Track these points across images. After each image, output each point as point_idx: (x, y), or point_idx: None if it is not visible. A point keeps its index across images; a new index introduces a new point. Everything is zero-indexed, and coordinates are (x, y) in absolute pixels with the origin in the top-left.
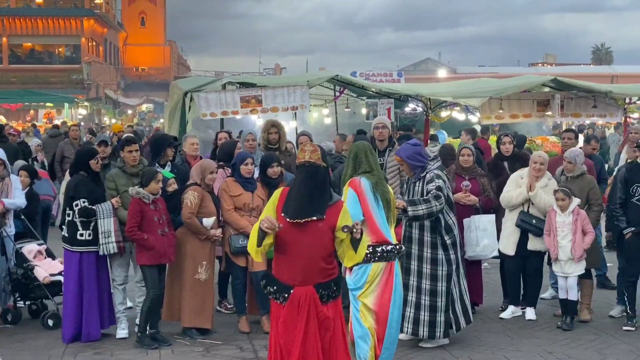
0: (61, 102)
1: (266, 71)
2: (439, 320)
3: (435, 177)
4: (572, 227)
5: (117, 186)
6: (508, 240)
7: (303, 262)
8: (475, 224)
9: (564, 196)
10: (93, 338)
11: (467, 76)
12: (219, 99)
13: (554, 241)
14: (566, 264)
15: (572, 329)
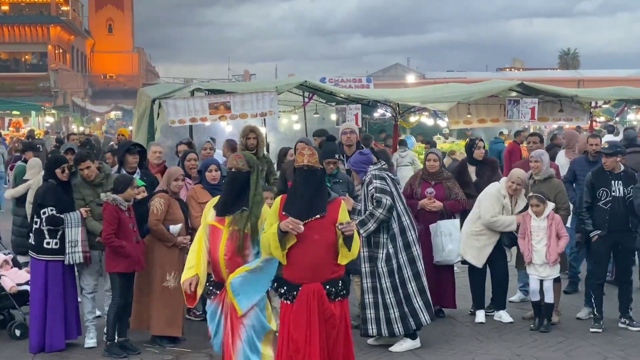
0: (28, 110)
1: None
2: (393, 316)
3: (373, 178)
4: (547, 232)
5: (84, 196)
6: (480, 253)
7: (310, 260)
8: (440, 229)
9: (539, 202)
10: (56, 348)
11: (436, 81)
12: (187, 105)
13: (529, 245)
14: (541, 267)
15: (549, 331)
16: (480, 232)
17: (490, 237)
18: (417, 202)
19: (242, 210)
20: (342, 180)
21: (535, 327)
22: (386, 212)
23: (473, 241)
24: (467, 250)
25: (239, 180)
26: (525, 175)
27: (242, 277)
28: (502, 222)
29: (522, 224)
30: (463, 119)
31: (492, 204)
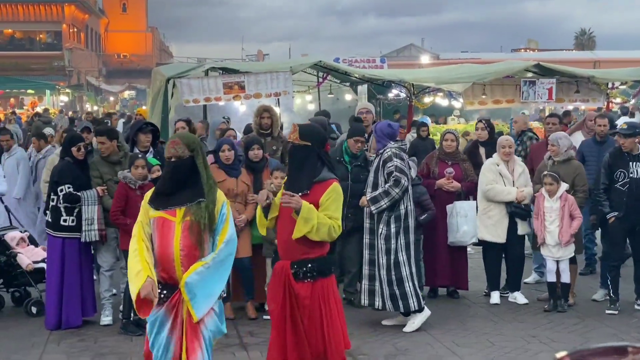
0: (42, 89)
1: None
2: (385, 293)
3: (394, 156)
4: (559, 213)
5: (101, 174)
6: (497, 229)
7: (283, 237)
8: (456, 210)
9: (552, 181)
10: (73, 324)
11: (450, 62)
12: (201, 85)
13: (541, 226)
14: (554, 248)
15: (566, 311)
16: (488, 209)
17: (501, 211)
18: (434, 182)
19: (198, 202)
20: (363, 164)
21: (550, 308)
22: (401, 194)
23: (486, 220)
24: (484, 230)
25: (184, 169)
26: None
27: (197, 274)
28: (497, 190)
29: (536, 205)
30: (478, 100)
31: (485, 175)
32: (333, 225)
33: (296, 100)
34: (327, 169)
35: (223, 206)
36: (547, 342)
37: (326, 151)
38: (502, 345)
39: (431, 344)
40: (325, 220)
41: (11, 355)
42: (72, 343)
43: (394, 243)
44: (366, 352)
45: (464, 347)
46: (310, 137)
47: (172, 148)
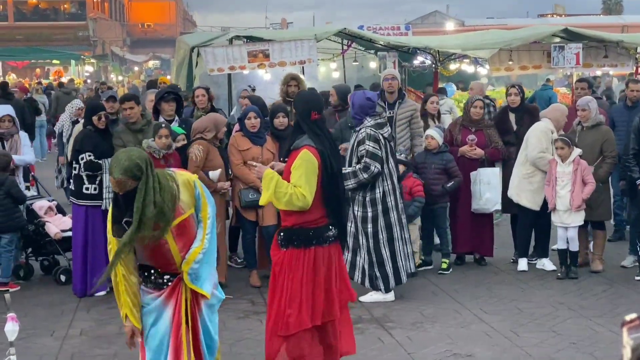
0: (68, 59)
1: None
2: (365, 269)
3: (366, 138)
4: (572, 177)
5: (124, 143)
6: (536, 196)
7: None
8: (480, 177)
9: (564, 145)
10: (99, 291)
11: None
12: (226, 54)
13: (553, 191)
14: (564, 214)
15: (577, 277)
16: (532, 174)
17: (543, 178)
18: (457, 149)
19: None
20: None
21: (562, 275)
22: (370, 179)
23: (526, 184)
24: (522, 195)
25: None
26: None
27: (197, 262)
28: (548, 160)
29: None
30: (504, 66)
31: (540, 140)
32: (295, 194)
33: (321, 68)
34: (307, 137)
35: (195, 186)
36: (576, 309)
37: (314, 119)
38: (530, 312)
39: (459, 311)
40: (285, 189)
41: (41, 322)
42: (102, 310)
43: (372, 227)
44: (393, 320)
45: (491, 314)
46: (296, 105)
47: (117, 188)
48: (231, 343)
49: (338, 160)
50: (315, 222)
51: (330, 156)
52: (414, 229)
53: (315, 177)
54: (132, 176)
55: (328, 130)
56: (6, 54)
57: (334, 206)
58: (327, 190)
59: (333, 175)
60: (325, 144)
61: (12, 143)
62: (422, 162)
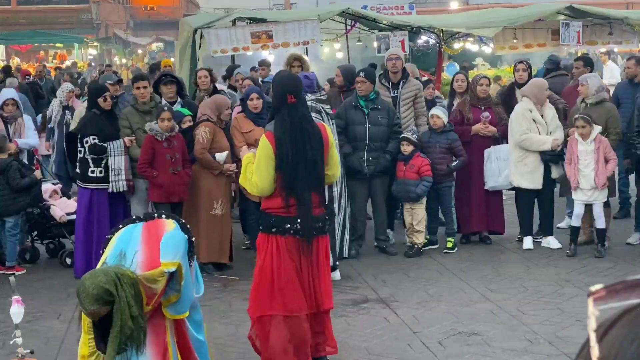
0: (71, 43)
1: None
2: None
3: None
4: (594, 155)
5: (131, 124)
6: (534, 175)
7: None
8: (495, 155)
9: (585, 123)
10: None
11: (480, 7)
12: (229, 35)
13: (575, 170)
14: (589, 192)
15: (604, 257)
16: (524, 156)
17: (537, 157)
18: (469, 128)
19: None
20: (381, 107)
21: (572, 252)
22: None
23: (522, 167)
24: (520, 178)
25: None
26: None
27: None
28: (533, 140)
29: (569, 149)
30: (509, 45)
31: (519, 123)
32: (251, 180)
33: (324, 48)
34: (274, 122)
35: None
36: (581, 287)
37: (290, 103)
38: (536, 290)
39: (464, 290)
40: (248, 174)
41: (47, 305)
42: None
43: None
44: (399, 299)
45: (497, 293)
46: (272, 87)
47: (92, 317)
48: (237, 324)
49: (303, 148)
50: (276, 210)
51: (292, 144)
52: (420, 208)
53: (267, 164)
54: (105, 303)
55: (305, 115)
56: (9, 37)
57: (294, 197)
58: (284, 179)
59: (292, 163)
60: (287, 130)
61: (16, 126)
62: (427, 141)
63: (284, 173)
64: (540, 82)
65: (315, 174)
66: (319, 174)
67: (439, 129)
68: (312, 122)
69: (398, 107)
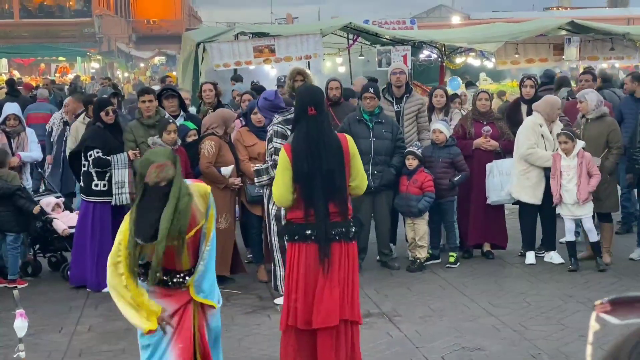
0: (73, 56)
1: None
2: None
3: (273, 135)
4: (577, 170)
5: (135, 137)
6: (535, 190)
7: None
8: (498, 169)
9: (567, 139)
10: (103, 287)
11: (482, 22)
12: (231, 49)
13: (558, 185)
14: (573, 207)
15: (605, 270)
16: (527, 170)
17: (540, 172)
18: (470, 142)
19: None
20: (385, 121)
21: (574, 267)
22: None
23: (524, 181)
24: (522, 191)
25: (165, 193)
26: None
27: (199, 275)
28: (539, 155)
29: (552, 164)
30: (510, 59)
31: (527, 136)
32: (273, 191)
33: (326, 62)
34: (294, 134)
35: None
36: (584, 302)
37: (311, 115)
38: (539, 305)
39: (467, 305)
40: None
41: (49, 319)
42: (110, 306)
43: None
44: (401, 313)
45: (500, 308)
46: (295, 100)
47: (162, 172)
48: (240, 338)
49: (319, 159)
50: (298, 219)
51: (308, 155)
52: (422, 223)
53: (284, 176)
54: (173, 161)
55: (323, 127)
56: (12, 51)
57: (312, 207)
58: (302, 189)
59: (308, 175)
60: (303, 142)
61: (20, 140)
62: (429, 155)
63: (301, 184)
64: (553, 99)
65: (332, 185)
66: (336, 184)
67: (441, 143)
68: (331, 133)
69: (401, 121)
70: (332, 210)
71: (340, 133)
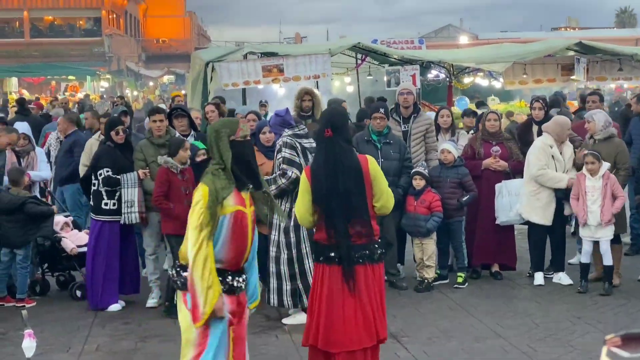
0: (83, 75)
1: (287, 41)
2: (285, 288)
3: (283, 146)
4: (602, 191)
5: (145, 157)
6: (545, 211)
7: None
8: (507, 189)
9: (594, 159)
10: (111, 304)
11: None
12: (240, 68)
13: (584, 206)
14: (596, 228)
15: (611, 294)
16: (537, 191)
17: (550, 194)
18: (480, 163)
19: (264, 192)
20: (393, 142)
21: (583, 289)
22: (289, 184)
23: (534, 201)
24: (532, 212)
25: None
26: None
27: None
28: (549, 176)
29: (576, 185)
30: (519, 80)
31: (538, 157)
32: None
33: (335, 82)
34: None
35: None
36: (593, 324)
37: (327, 136)
38: (548, 327)
39: (475, 326)
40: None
41: (57, 338)
42: (117, 326)
43: (294, 236)
44: (409, 334)
45: (508, 329)
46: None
47: (247, 127)
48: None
49: (336, 180)
50: (323, 240)
51: (326, 176)
52: (430, 243)
53: (304, 197)
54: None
55: (343, 146)
56: (23, 70)
57: (331, 227)
58: (321, 211)
59: (327, 196)
60: (321, 164)
61: (29, 160)
62: (437, 176)
63: (320, 205)
64: (563, 120)
65: (350, 206)
66: (355, 205)
67: (449, 163)
68: (350, 154)
69: (409, 141)
70: (354, 232)
71: (361, 154)
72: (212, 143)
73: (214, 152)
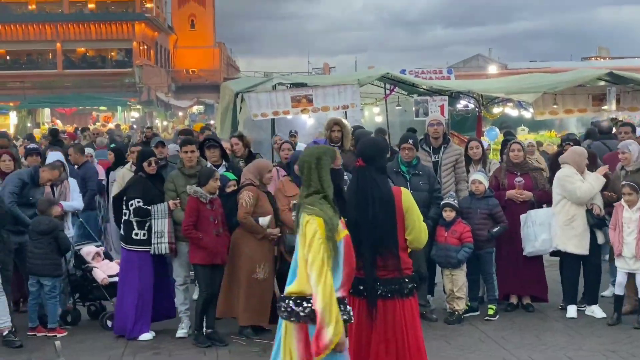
0: (114, 106)
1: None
2: None
3: None
4: (638, 224)
5: (176, 187)
6: (582, 240)
7: None
8: (531, 219)
9: (632, 191)
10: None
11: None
12: (269, 99)
13: (619, 237)
14: (631, 260)
15: None
16: (572, 219)
17: (585, 222)
18: (504, 193)
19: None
20: (422, 173)
21: (614, 321)
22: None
23: (569, 231)
24: (568, 242)
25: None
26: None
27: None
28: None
29: (614, 215)
30: (549, 110)
31: (573, 181)
32: None
33: (364, 112)
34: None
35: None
36: (627, 357)
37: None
38: None
39: (506, 358)
40: None
41: None
42: (148, 356)
43: None
44: None
45: None
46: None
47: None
48: None
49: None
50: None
51: (357, 207)
52: (461, 274)
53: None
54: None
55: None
56: (55, 100)
57: (360, 258)
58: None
59: (356, 226)
60: (353, 194)
61: (62, 189)
62: (468, 207)
63: (351, 236)
64: (580, 150)
65: (379, 237)
66: (384, 237)
67: (480, 194)
68: (383, 186)
69: (439, 172)
70: (383, 264)
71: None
72: (310, 170)
73: (311, 179)
